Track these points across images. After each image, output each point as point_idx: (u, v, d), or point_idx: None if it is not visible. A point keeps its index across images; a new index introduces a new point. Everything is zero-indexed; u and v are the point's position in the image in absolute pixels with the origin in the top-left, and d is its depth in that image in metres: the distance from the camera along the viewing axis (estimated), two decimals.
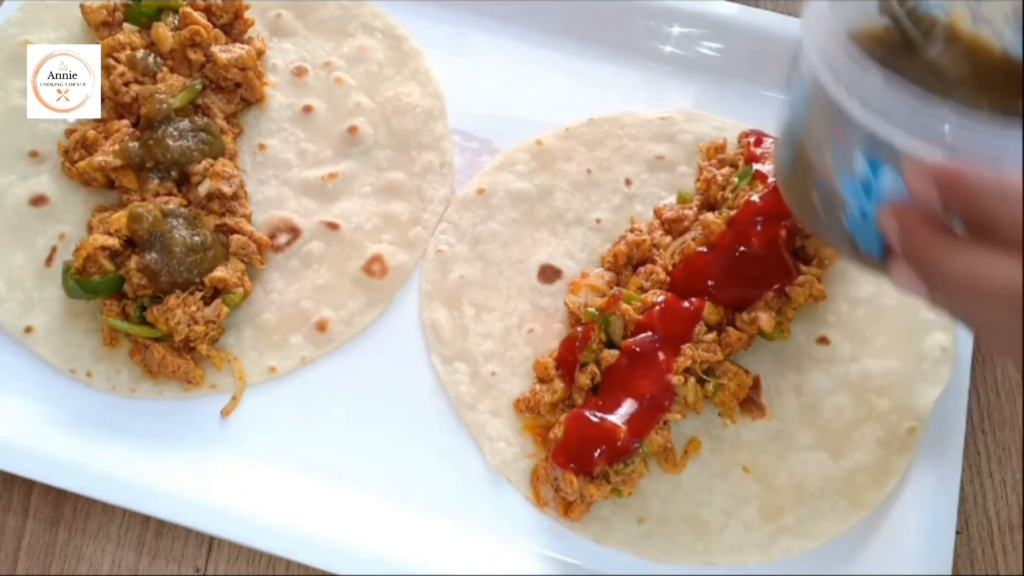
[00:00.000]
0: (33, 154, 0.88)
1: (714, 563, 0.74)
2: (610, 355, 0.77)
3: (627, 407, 0.74)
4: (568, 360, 0.78)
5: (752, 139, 0.86)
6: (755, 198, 0.79)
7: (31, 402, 0.80)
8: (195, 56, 0.88)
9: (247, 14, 0.94)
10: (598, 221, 0.88)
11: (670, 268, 0.81)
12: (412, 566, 0.73)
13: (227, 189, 0.84)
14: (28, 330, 0.82)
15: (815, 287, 0.79)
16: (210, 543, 0.78)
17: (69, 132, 0.89)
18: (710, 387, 0.77)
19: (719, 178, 0.84)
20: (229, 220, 0.84)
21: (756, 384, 0.80)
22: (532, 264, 0.86)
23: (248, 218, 0.86)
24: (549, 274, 0.86)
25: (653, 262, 0.82)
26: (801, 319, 0.81)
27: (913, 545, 0.73)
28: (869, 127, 0.50)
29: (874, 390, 0.79)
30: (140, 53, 0.88)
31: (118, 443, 0.78)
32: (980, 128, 0.47)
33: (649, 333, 0.76)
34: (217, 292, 0.82)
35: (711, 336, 0.77)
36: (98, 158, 0.84)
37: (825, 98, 0.52)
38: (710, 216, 0.81)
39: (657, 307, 0.77)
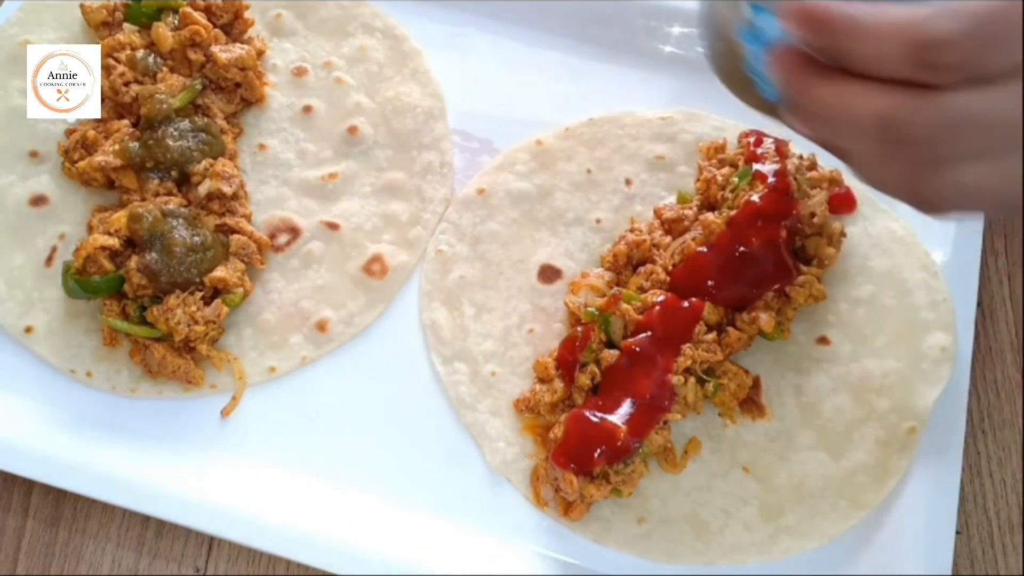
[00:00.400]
0: (33, 154, 0.88)
1: (714, 563, 0.74)
2: (610, 355, 0.77)
3: (627, 407, 0.74)
4: (568, 360, 0.78)
5: (752, 139, 0.86)
6: (755, 198, 0.79)
7: (31, 402, 0.80)
8: (195, 56, 0.88)
9: (247, 14, 0.94)
10: (598, 221, 0.88)
11: (670, 268, 0.81)
12: (412, 566, 0.73)
13: (227, 189, 0.84)
14: (28, 330, 0.82)
15: (815, 287, 0.79)
16: (210, 543, 0.78)
17: (69, 132, 0.89)
18: (710, 387, 0.77)
19: (719, 178, 0.84)
20: (229, 220, 0.84)
21: (756, 384, 0.79)
22: (532, 264, 0.86)
23: (248, 218, 0.86)
24: (549, 274, 0.86)
25: (653, 262, 0.82)
26: (801, 319, 0.81)
27: (913, 545, 0.73)
28: None
29: (874, 390, 0.79)
30: (140, 53, 0.88)
31: (118, 443, 0.78)
32: None
33: (649, 333, 0.76)
34: (217, 292, 0.82)
35: (711, 336, 0.77)
36: (98, 158, 0.84)
37: None
38: (710, 216, 0.81)
39: (657, 307, 0.77)
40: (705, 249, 0.80)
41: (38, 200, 0.87)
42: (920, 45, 0.42)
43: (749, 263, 0.78)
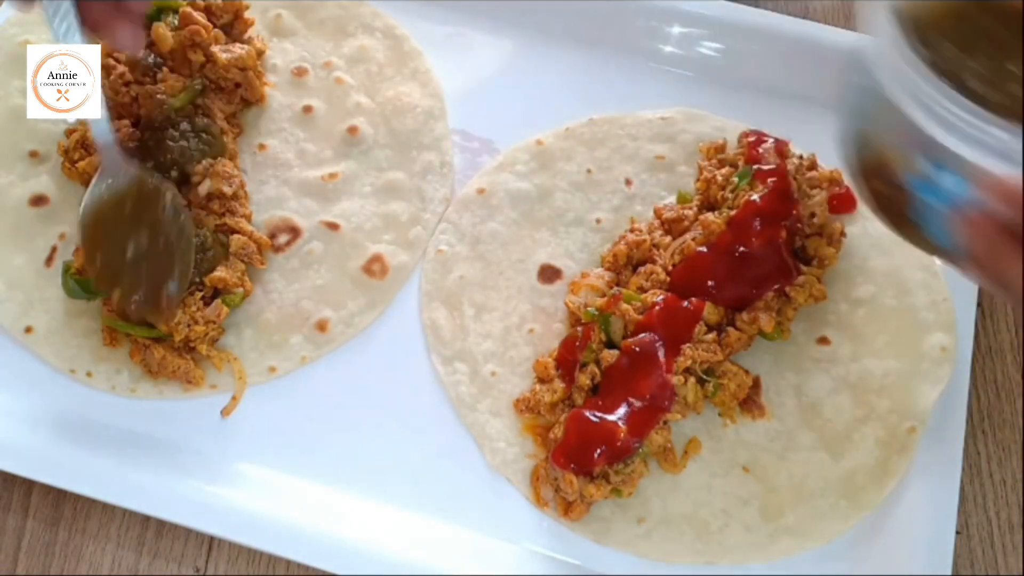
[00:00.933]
0: (33, 154, 0.88)
1: (714, 563, 0.74)
2: (610, 355, 0.77)
3: (627, 407, 0.74)
4: (568, 360, 0.78)
5: (752, 139, 0.86)
6: (755, 198, 0.79)
7: (31, 402, 0.80)
8: (195, 56, 0.88)
9: (247, 14, 0.94)
10: (598, 221, 0.88)
11: (670, 268, 0.81)
12: (412, 566, 0.73)
13: (227, 189, 0.84)
14: (28, 330, 0.82)
15: (815, 287, 0.79)
16: (210, 543, 0.78)
17: (69, 132, 0.88)
18: (710, 387, 0.77)
19: (719, 178, 0.84)
20: (229, 220, 0.84)
21: (756, 384, 0.79)
22: (532, 264, 0.86)
23: (248, 218, 0.86)
24: (549, 274, 0.86)
25: (653, 262, 0.82)
26: (801, 319, 0.81)
27: (913, 545, 0.73)
28: (937, 139, 0.52)
29: (874, 390, 0.79)
30: (140, 53, 0.88)
31: (118, 443, 0.78)
32: None
33: (649, 333, 0.76)
34: (217, 292, 0.82)
35: (711, 336, 0.77)
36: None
37: (888, 102, 0.54)
38: (710, 216, 0.81)
39: (657, 307, 0.77)
40: (705, 249, 0.80)
41: (38, 200, 0.87)
42: None
43: (749, 263, 0.78)
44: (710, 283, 0.79)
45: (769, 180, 0.81)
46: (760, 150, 0.84)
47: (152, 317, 0.78)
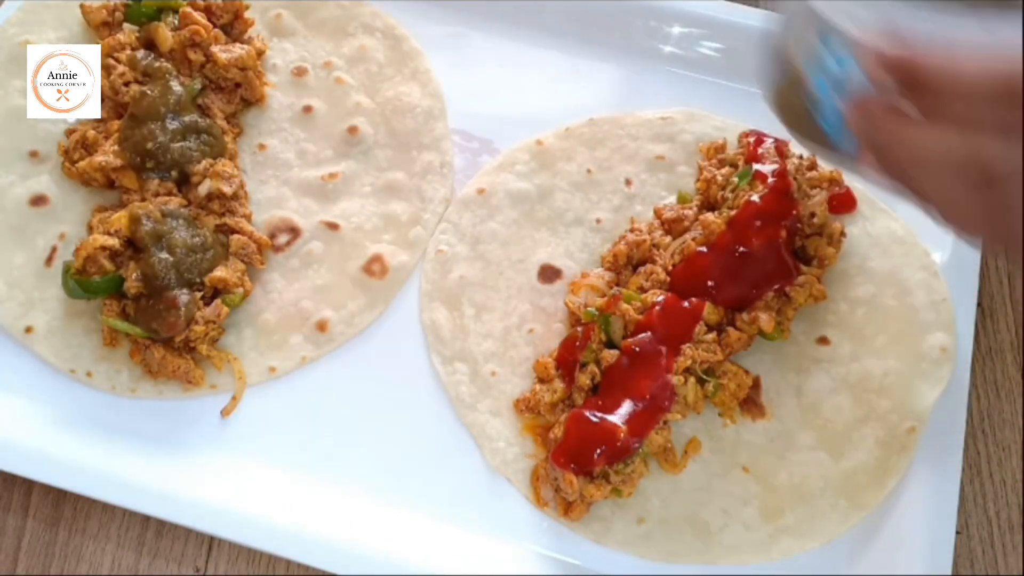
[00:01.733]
0: (33, 154, 0.88)
1: (714, 563, 0.74)
2: (610, 355, 0.77)
3: (627, 407, 0.74)
4: (568, 360, 0.78)
5: (752, 139, 0.86)
6: (755, 198, 0.79)
7: (31, 402, 0.80)
8: (195, 56, 0.88)
9: (247, 14, 0.94)
10: (598, 221, 0.88)
11: (670, 268, 0.81)
12: (412, 566, 0.73)
13: (227, 189, 0.84)
14: (28, 330, 0.82)
15: (815, 287, 0.79)
16: (210, 543, 0.78)
17: (69, 132, 0.89)
18: (710, 387, 0.77)
19: (719, 178, 0.84)
20: (229, 220, 0.84)
21: (756, 384, 0.80)
22: (532, 264, 0.86)
23: (248, 218, 0.86)
24: (549, 274, 0.86)
25: (653, 262, 0.82)
26: (801, 319, 0.81)
27: (913, 545, 0.73)
28: (832, 20, 0.54)
29: (874, 390, 0.79)
30: (140, 53, 0.88)
31: (118, 443, 0.78)
32: (928, 15, 0.50)
33: (649, 333, 0.76)
34: (217, 292, 0.82)
35: (711, 336, 0.77)
36: (98, 158, 0.84)
37: (799, 8, 0.58)
38: (710, 216, 0.81)
39: (657, 307, 0.77)
40: (705, 249, 0.80)
41: (38, 200, 0.87)
42: (1014, 94, 0.44)
43: (749, 263, 0.78)
44: (710, 283, 0.79)
45: (769, 180, 0.81)
46: (760, 150, 0.84)
47: (161, 327, 0.78)
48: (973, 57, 0.46)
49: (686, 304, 0.78)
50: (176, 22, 0.89)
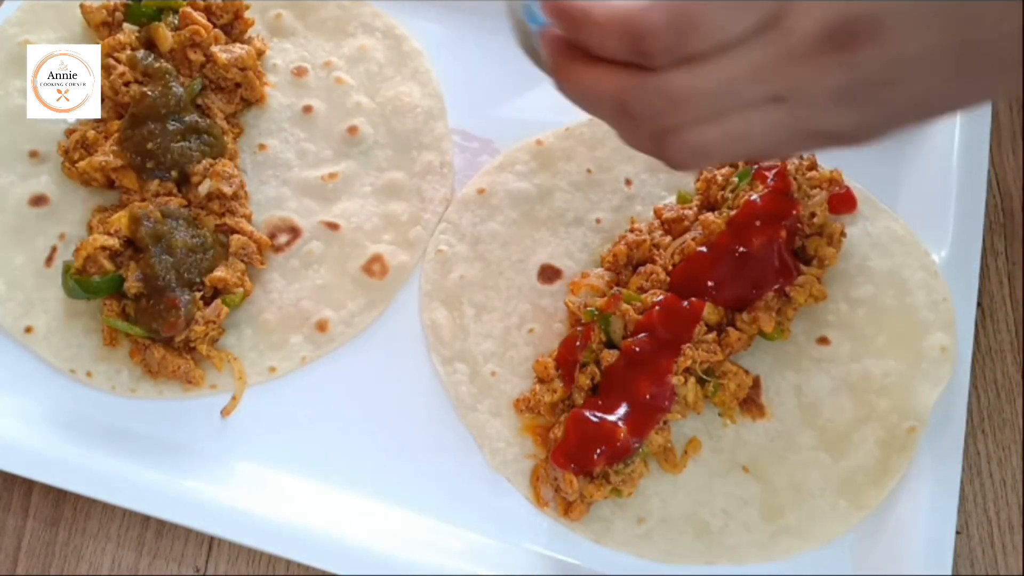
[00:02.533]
0: (33, 154, 0.88)
1: (714, 563, 0.74)
2: (610, 355, 0.77)
3: (627, 407, 0.74)
4: (568, 360, 0.78)
5: None
6: (755, 198, 0.79)
7: (31, 402, 0.80)
8: (195, 56, 0.88)
9: (247, 14, 0.94)
10: (598, 221, 0.88)
11: (670, 268, 0.81)
12: (412, 566, 0.73)
13: (227, 189, 0.84)
14: (28, 330, 0.82)
15: (815, 287, 0.79)
16: (210, 543, 0.78)
17: (69, 132, 0.89)
18: (710, 387, 0.77)
19: (719, 178, 0.84)
20: (229, 220, 0.84)
21: (756, 384, 0.79)
22: (532, 264, 0.86)
23: (248, 218, 0.86)
24: (549, 274, 0.86)
25: (653, 262, 0.82)
26: (801, 319, 0.81)
27: (913, 545, 0.73)
28: None
29: (874, 390, 0.79)
30: (140, 53, 0.88)
31: (118, 443, 0.78)
32: None
33: (649, 333, 0.76)
34: (217, 292, 0.82)
35: (711, 336, 0.77)
36: (98, 158, 0.84)
37: None
38: (710, 216, 0.81)
39: (657, 307, 0.77)
40: (705, 249, 0.80)
41: (38, 200, 0.87)
42: (634, 35, 0.49)
43: (749, 263, 0.78)
44: (710, 283, 0.78)
45: (769, 180, 0.81)
46: None
47: (161, 327, 0.78)
48: (615, 6, 0.51)
49: (686, 304, 0.78)
50: (176, 22, 0.89)
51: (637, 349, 0.76)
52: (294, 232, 0.87)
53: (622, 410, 0.74)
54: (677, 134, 0.52)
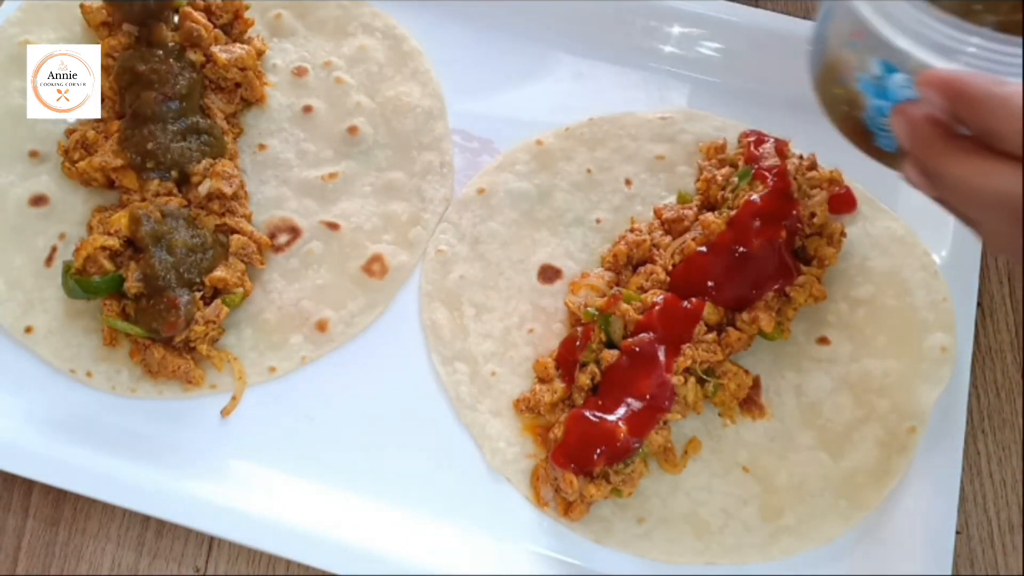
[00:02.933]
0: (33, 154, 0.88)
1: (714, 563, 0.74)
2: (610, 355, 0.77)
3: (627, 407, 0.74)
4: (568, 360, 0.78)
5: (752, 139, 0.86)
6: (755, 198, 0.79)
7: (31, 402, 0.80)
8: (195, 56, 0.88)
9: (247, 14, 0.94)
10: (598, 221, 0.88)
11: (670, 268, 0.81)
12: (412, 566, 0.73)
13: (227, 189, 0.84)
14: (28, 330, 0.82)
15: (815, 287, 0.79)
16: (210, 543, 0.78)
17: (69, 132, 0.89)
18: (710, 387, 0.77)
19: (719, 178, 0.84)
20: (229, 220, 0.84)
21: (756, 384, 0.80)
22: (532, 264, 0.86)
23: (248, 218, 0.86)
24: (549, 274, 0.86)
25: (653, 262, 0.82)
26: (801, 319, 0.81)
27: (913, 545, 0.73)
28: (884, 36, 0.54)
29: (874, 390, 0.79)
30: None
31: (118, 443, 0.78)
32: (987, 41, 0.50)
33: (649, 333, 0.76)
34: (217, 292, 0.82)
35: (711, 336, 0.77)
36: (98, 158, 0.84)
37: (847, 6, 0.57)
38: (710, 216, 0.81)
39: (657, 307, 0.77)
40: (705, 249, 0.80)
41: (38, 200, 0.87)
42: None
43: (749, 263, 0.78)
44: (710, 283, 0.78)
45: (769, 180, 0.81)
46: (760, 150, 0.84)
47: (161, 327, 0.78)
48: None
49: (686, 304, 0.78)
50: (176, 22, 0.89)
51: (637, 349, 0.76)
52: (294, 232, 0.87)
53: (622, 410, 0.74)
54: None
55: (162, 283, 0.78)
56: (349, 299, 0.85)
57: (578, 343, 0.78)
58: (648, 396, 0.74)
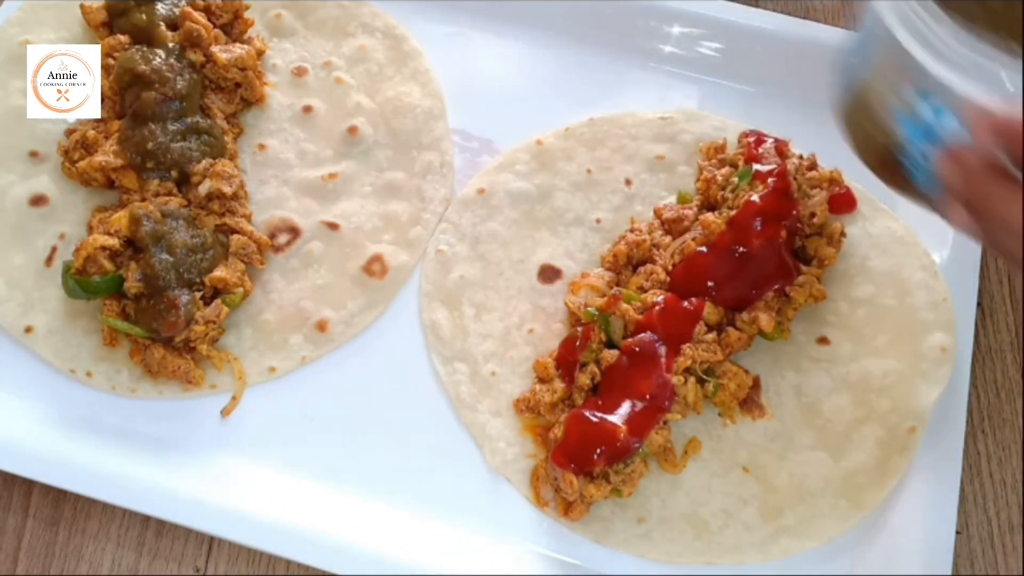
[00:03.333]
0: (33, 154, 0.88)
1: (714, 563, 0.74)
2: (610, 355, 0.77)
3: (627, 407, 0.74)
4: (568, 360, 0.78)
5: (752, 139, 0.86)
6: (755, 198, 0.79)
7: (31, 402, 0.80)
8: (195, 56, 0.88)
9: (247, 14, 0.94)
10: (598, 221, 0.88)
11: (670, 268, 0.81)
12: (412, 566, 0.73)
13: (227, 189, 0.84)
14: (28, 330, 0.82)
15: (815, 287, 0.79)
16: (210, 543, 0.78)
17: (69, 132, 0.89)
18: (710, 387, 0.77)
19: (719, 178, 0.84)
20: (229, 220, 0.84)
21: (756, 384, 0.80)
22: (532, 264, 0.86)
23: (248, 218, 0.86)
24: (549, 274, 0.86)
25: (653, 262, 0.82)
26: (801, 319, 0.81)
27: (913, 545, 0.73)
28: (935, 73, 0.51)
29: (874, 390, 0.79)
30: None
31: (118, 443, 0.78)
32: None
33: (649, 333, 0.76)
34: (217, 292, 0.82)
35: (711, 336, 0.77)
36: (98, 158, 0.84)
37: (892, 42, 0.53)
38: (710, 216, 0.81)
39: (657, 307, 0.77)
40: (705, 249, 0.80)
41: (38, 200, 0.87)
42: None
43: (749, 263, 0.78)
44: (710, 283, 0.78)
45: (769, 180, 0.81)
46: (760, 150, 0.84)
47: (161, 327, 0.78)
48: None
49: (686, 304, 0.78)
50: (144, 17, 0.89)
51: (637, 349, 0.76)
52: (294, 232, 0.87)
53: (622, 410, 0.74)
54: None
55: (162, 283, 0.78)
56: (349, 299, 0.85)
57: (578, 343, 0.78)
58: (648, 396, 0.74)
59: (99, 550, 0.78)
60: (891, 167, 0.60)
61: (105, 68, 0.88)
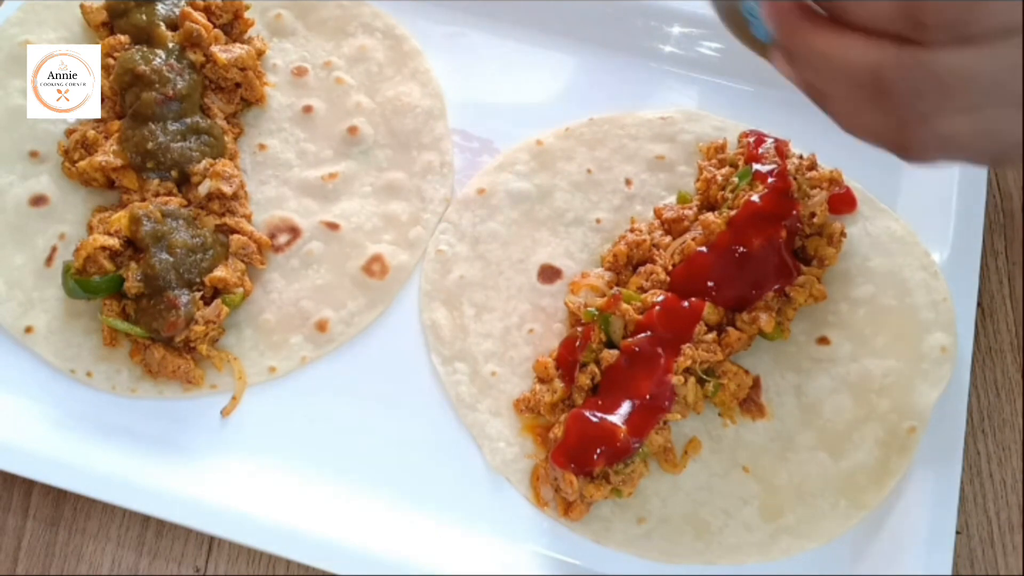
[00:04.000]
0: (33, 154, 0.88)
1: (714, 563, 0.74)
2: (610, 355, 0.77)
3: (627, 407, 0.74)
4: (568, 360, 0.78)
5: (752, 139, 0.86)
6: (755, 198, 0.79)
7: (31, 402, 0.80)
8: (195, 56, 0.88)
9: (247, 14, 0.94)
10: (598, 221, 0.88)
11: (670, 268, 0.81)
12: (412, 566, 0.73)
13: (227, 189, 0.84)
14: (28, 330, 0.82)
15: (815, 287, 0.79)
16: (210, 543, 0.78)
17: (69, 132, 0.89)
18: (710, 387, 0.77)
19: (719, 178, 0.84)
20: (229, 220, 0.84)
21: (756, 384, 0.79)
22: (532, 264, 0.86)
23: (248, 218, 0.86)
24: (549, 274, 0.86)
25: (653, 262, 0.82)
26: (801, 319, 0.81)
27: (913, 545, 0.73)
28: None
29: (874, 390, 0.79)
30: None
31: (118, 443, 0.78)
32: None
33: (649, 333, 0.76)
34: (217, 292, 0.82)
35: (711, 336, 0.77)
36: (98, 158, 0.84)
37: None
38: (710, 216, 0.81)
39: (657, 307, 0.77)
40: (705, 249, 0.80)
41: (38, 200, 0.87)
42: (911, 5, 0.44)
43: (749, 263, 0.78)
44: (710, 283, 0.78)
45: (769, 180, 0.81)
46: (760, 150, 0.84)
47: (161, 327, 0.78)
48: None
49: (686, 304, 0.78)
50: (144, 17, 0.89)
51: (637, 349, 0.76)
52: (294, 232, 0.87)
53: (622, 410, 0.74)
54: (928, 121, 0.47)
55: (162, 283, 0.78)
56: (349, 299, 0.85)
57: (578, 343, 0.78)
58: (648, 396, 0.74)
59: (99, 550, 0.78)
60: (743, 27, 0.64)
61: (105, 68, 0.88)
